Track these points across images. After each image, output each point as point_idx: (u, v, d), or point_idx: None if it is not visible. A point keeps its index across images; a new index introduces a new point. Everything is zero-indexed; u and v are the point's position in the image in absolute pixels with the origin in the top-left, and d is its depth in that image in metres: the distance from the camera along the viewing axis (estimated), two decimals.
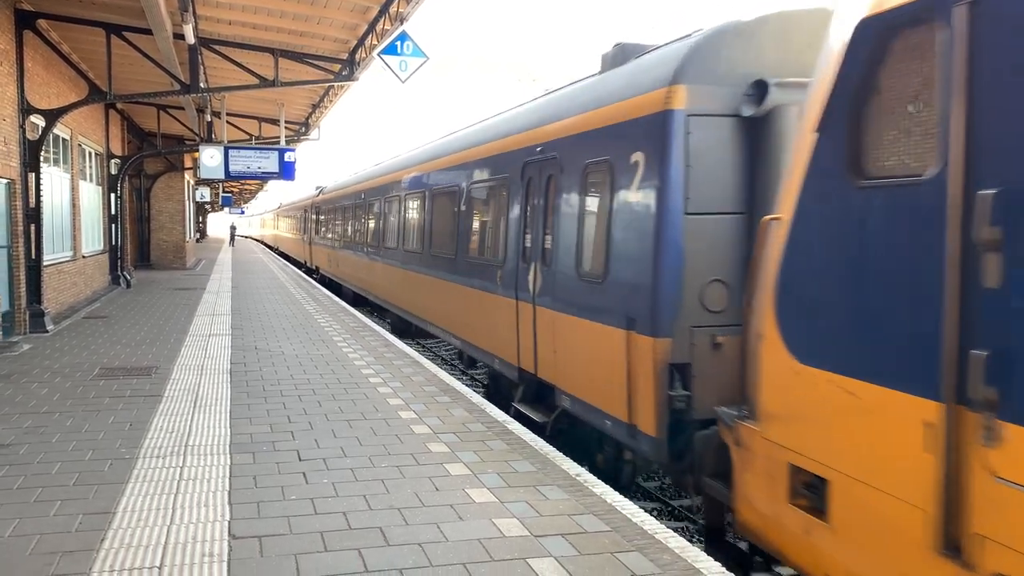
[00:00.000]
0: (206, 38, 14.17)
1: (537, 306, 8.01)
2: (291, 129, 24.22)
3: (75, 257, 16.49)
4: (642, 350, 5.88)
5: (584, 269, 7.01)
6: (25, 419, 7.11)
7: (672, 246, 5.70)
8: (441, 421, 7.36)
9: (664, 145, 5.76)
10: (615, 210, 6.46)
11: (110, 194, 20.79)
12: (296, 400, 8.07)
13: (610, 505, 5.26)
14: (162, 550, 4.36)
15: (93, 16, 13.09)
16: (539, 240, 8.07)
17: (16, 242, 12.15)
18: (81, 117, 16.87)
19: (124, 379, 8.95)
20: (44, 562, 4.18)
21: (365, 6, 12.44)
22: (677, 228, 5.69)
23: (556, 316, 7.52)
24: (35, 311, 12.41)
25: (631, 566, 4.32)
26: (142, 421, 7.12)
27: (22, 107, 12.36)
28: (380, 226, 17.04)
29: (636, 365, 5.96)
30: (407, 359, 10.66)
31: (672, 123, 5.72)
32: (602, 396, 6.56)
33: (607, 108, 6.81)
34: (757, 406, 4.48)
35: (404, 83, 13.02)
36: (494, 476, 5.80)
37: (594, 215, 6.95)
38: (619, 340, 6.22)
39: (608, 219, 6.58)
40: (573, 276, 7.19)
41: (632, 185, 6.16)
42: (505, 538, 4.66)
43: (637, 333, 5.95)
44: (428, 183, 12.93)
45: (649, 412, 5.77)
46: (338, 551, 4.42)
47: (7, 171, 11.65)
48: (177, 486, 5.42)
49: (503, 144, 9.46)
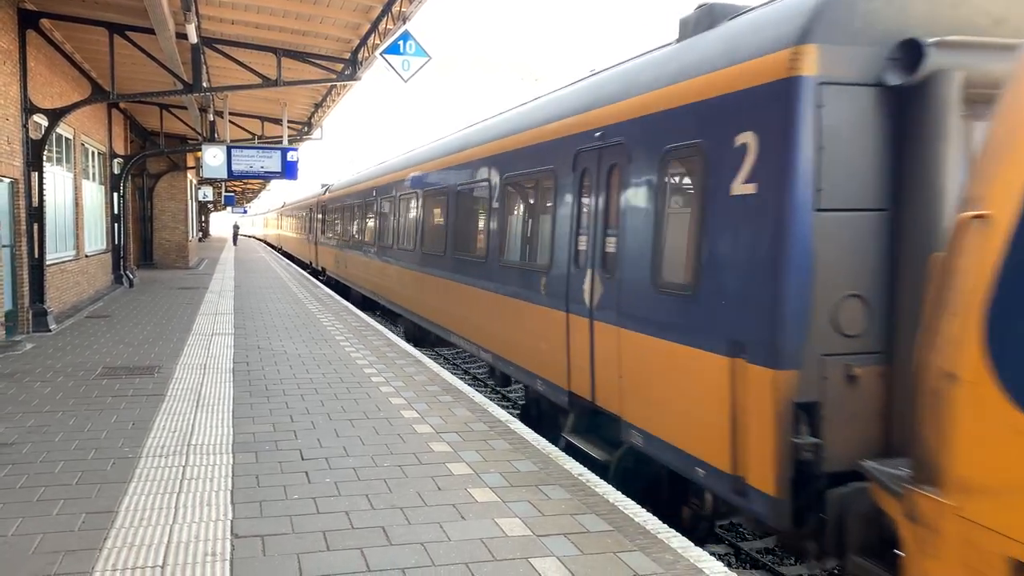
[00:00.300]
0: (209, 37, 14.18)
1: (596, 320, 6.79)
2: (294, 128, 24.23)
3: (78, 256, 16.51)
4: (756, 385, 4.67)
5: (666, 279, 5.76)
6: (28, 418, 7.12)
7: (799, 251, 4.49)
8: (443, 420, 7.36)
9: (788, 122, 4.54)
10: (711, 205, 5.24)
11: (113, 193, 20.83)
12: (299, 399, 8.08)
13: (612, 504, 5.26)
14: (165, 549, 4.36)
15: (96, 15, 13.11)
16: (597, 243, 6.85)
17: (19, 241, 12.17)
18: (84, 116, 16.89)
19: (127, 378, 8.96)
20: (47, 561, 4.19)
21: (368, 5, 12.43)
22: (806, 228, 4.49)
23: (622, 333, 6.33)
24: (38, 310, 12.43)
25: (633, 566, 4.31)
26: (145, 420, 7.13)
27: (25, 106, 12.38)
28: (396, 225, 15.68)
29: (746, 403, 4.76)
30: (409, 358, 10.66)
31: (800, 93, 4.50)
32: (690, 438, 5.38)
33: (697, 80, 5.53)
34: (944, 471, 3.29)
35: (407, 83, 13.02)
36: (496, 476, 5.79)
37: (679, 212, 5.77)
38: (717, 369, 5.05)
39: (701, 216, 5.33)
40: (648, 287, 5.95)
41: (738, 174, 4.96)
42: (507, 538, 4.65)
43: (748, 362, 4.74)
44: (451, 179, 11.72)
45: (766, 463, 4.58)
46: (340, 550, 4.42)
47: (10, 170, 11.67)
48: (180, 485, 5.42)
49: (545, 131, 8.23)
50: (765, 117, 4.77)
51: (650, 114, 6.12)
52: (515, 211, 9.27)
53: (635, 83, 6.55)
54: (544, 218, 8.13)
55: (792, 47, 4.60)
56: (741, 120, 4.97)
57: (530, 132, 8.70)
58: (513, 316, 8.83)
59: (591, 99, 7.36)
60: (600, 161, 6.88)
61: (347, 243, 22.29)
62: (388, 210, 16.78)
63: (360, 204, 20.32)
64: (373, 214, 18.52)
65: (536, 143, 8.44)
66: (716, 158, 5.18)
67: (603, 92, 7.16)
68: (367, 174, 20.71)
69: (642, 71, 6.60)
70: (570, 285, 7.31)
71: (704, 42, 5.80)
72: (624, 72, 7.05)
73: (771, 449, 4.53)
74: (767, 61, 4.78)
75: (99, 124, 19.15)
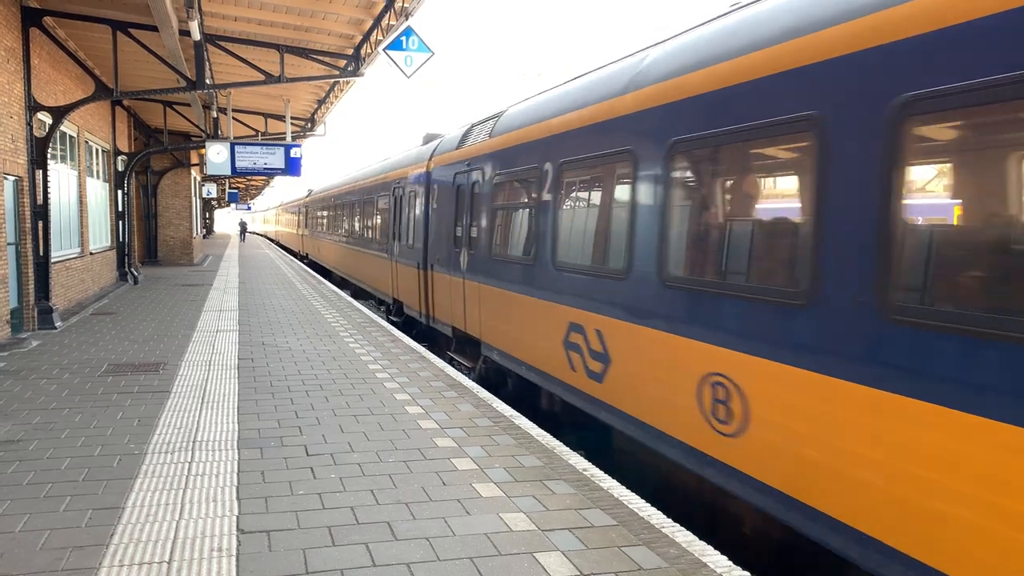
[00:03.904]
0: (212, 34, 14.19)
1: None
2: (297, 125, 24.25)
3: (83, 254, 16.54)
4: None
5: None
6: (34, 415, 7.15)
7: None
8: (448, 416, 7.37)
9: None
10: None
11: (117, 191, 20.86)
12: (303, 396, 8.09)
13: (617, 499, 5.26)
14: (171, 545, 4.38)
15: (99, 13, 13.12)
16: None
17: (24, 239, 12.20)
18: (88, 114, 16.92)
19: (132, 375, 8.99)
20: (54, 557, 4.21)
21: (370, 1, 12.43)
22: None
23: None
24: (43, 308, 12.47)
25: (638, 560, 4.32)
26: (150, 417, 7.15)
27: (29, 104, 12.40)
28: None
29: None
30: (413, 354, 10.67)
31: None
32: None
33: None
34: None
35: (409, 78, 13.01)
36: (501, 471, 5.80)
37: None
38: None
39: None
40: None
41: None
42: (512, 532, 4.66)
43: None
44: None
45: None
46: (346, 545, 4.43)
47: (15, 168, 11.69)
48: (186, 481, 5.44)
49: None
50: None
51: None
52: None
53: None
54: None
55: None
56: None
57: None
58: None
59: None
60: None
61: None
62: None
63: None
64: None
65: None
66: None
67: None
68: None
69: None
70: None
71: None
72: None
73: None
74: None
75: (103, 121, 19.18)
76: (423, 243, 13.17)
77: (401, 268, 15.07)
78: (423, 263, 13.13)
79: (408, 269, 14.38)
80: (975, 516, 3.38)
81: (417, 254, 13.54)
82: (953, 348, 3.50)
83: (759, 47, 4.89)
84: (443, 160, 12.13)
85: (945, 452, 3.52)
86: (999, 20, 3.32)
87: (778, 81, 4.66)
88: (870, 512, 3.89)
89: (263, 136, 24.69)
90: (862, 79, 4.04)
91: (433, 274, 12.50)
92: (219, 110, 20.11)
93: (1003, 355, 3.27)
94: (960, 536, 3.45)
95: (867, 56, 4.01)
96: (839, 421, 4.08)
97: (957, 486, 3.46)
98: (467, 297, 10.57)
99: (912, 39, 3.76)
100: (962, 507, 3.44)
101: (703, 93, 5.39)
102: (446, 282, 11.68)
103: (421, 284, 13.26)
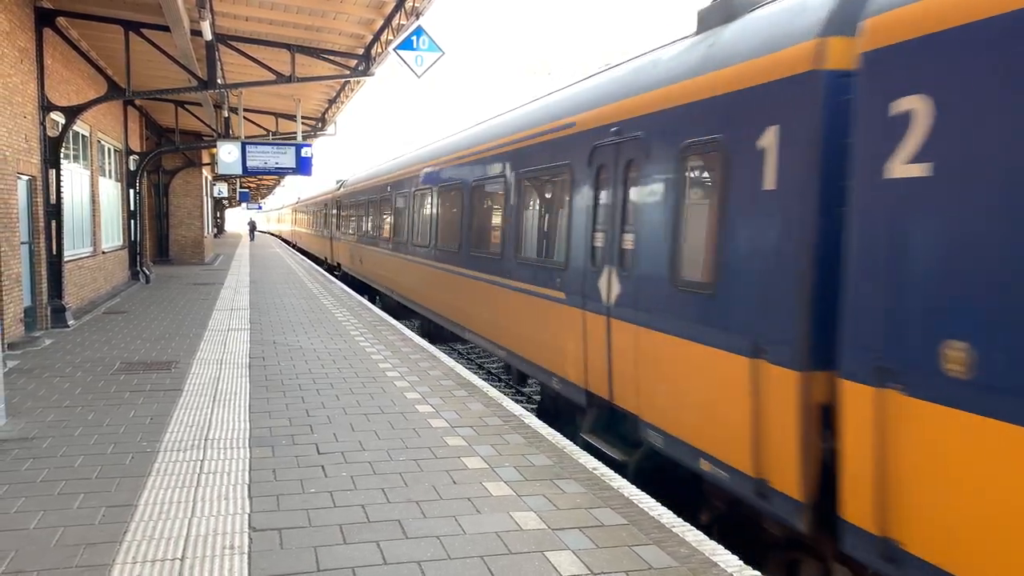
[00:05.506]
0: (223, 34, 14.25)
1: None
2: (307, 124, 24.31)
3: (95, 253, 16.66)
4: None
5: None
6: (48, 413, 7.21)
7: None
8: (458, 415, 7.38)
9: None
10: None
11: (129, 190, 20.99)
12: (314, 394, 8.12)
13: (627, 499, 5.26)
14: (184, 542, 4.41)
15: (112, 13, 13.20)
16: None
17: (37, 238, 12.29)
18: (100, 114, 17.03)
19: (144, 374, 9.04)
20: (68, 553, 4.24)
21: (381, 1, 12.45)
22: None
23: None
24: (56, 306, 12.56)
25: (648, 559, 4.32)
26: (163, 415, 7.19)
27: (42, 104, 12.49)
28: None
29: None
30: (424, 353, 10.69)
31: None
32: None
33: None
34: None
35: (420, 78, 13.04)
36: (511, 470, 5.81)
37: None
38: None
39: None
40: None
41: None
42: (523, 531, 4.67)
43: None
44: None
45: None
46: (357, 544, 4.44)
47: (28, 168, 11.78)
48: (198, 479, 5.47)
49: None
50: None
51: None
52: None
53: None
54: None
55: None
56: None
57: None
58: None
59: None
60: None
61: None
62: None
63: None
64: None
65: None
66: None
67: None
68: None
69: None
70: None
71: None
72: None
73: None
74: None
75: (115, 121, 19.30)
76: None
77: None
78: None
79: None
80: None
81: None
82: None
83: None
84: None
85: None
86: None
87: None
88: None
89: (274, 135, 24.77)
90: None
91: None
92: (230, 110, 20.20)
93: None
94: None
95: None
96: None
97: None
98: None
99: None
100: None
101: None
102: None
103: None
